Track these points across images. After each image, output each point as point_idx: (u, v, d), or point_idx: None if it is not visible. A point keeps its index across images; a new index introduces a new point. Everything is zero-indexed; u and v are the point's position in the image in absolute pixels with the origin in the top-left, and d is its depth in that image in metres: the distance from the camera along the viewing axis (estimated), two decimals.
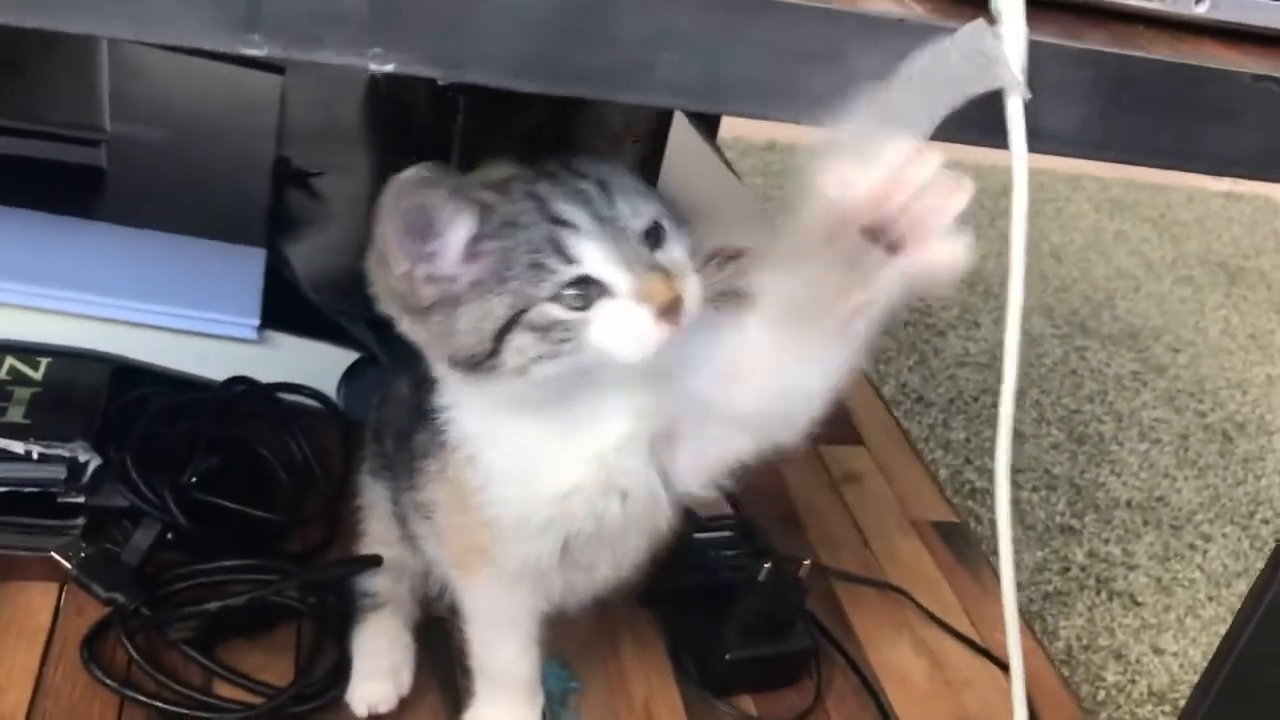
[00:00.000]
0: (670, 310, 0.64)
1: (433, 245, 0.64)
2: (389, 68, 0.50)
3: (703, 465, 0.76)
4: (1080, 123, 0.56)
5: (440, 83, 0.51)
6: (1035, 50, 0.54)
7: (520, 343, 0.65)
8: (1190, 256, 2.52)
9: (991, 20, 0.53)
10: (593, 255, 0.64)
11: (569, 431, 0.72)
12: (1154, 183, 2.82)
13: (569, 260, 0.64)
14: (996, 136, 0.55)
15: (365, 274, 0.67)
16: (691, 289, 0.66)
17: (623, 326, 0.65)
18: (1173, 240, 2.58)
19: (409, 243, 0.64)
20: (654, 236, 0.67)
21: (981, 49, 0.53)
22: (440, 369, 0.72)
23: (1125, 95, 0.56)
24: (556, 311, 0.64)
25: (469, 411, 0.74)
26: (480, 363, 0.66)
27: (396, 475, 0.88)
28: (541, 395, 0.69)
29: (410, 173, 0.62)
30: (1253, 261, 2.56)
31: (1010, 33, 0.53)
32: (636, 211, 0.67)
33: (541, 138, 0.73)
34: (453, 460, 0.75)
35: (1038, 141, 0.55)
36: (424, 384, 0.76)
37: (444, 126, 1.30)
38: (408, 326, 0.69)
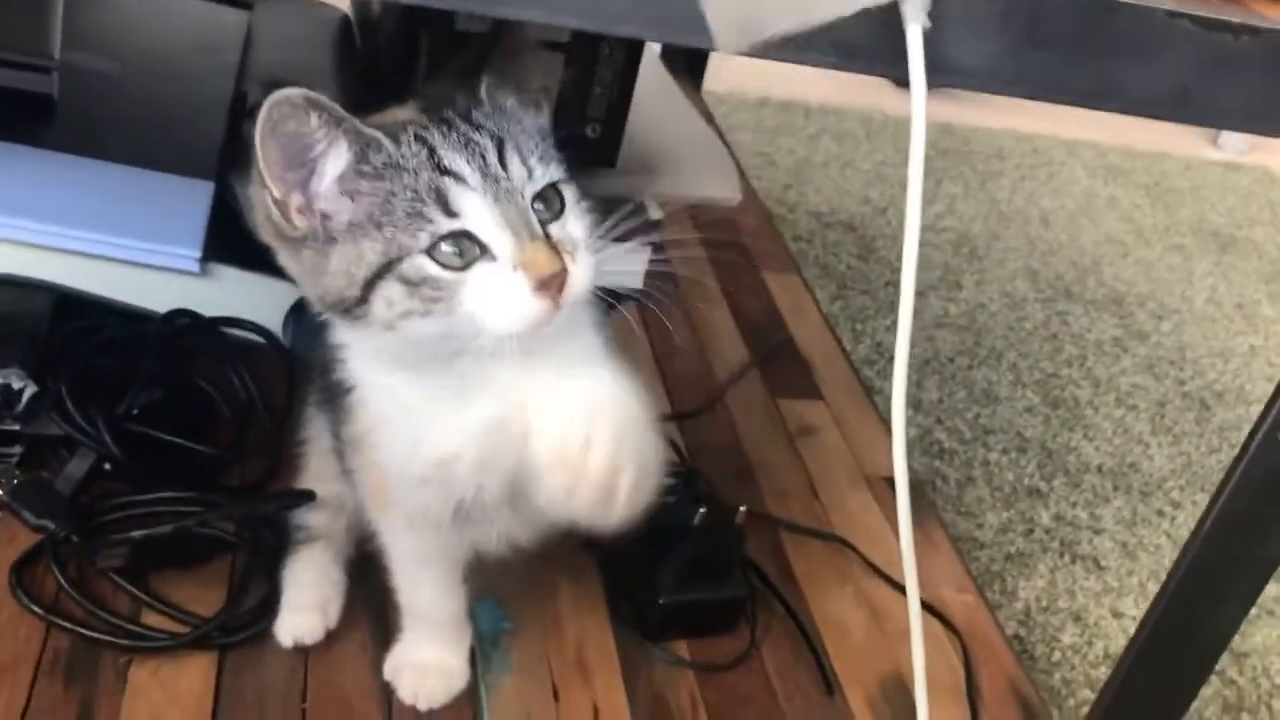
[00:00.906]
0: (550, 284, 0.63)
1: (308, 173, 0.62)
2: None
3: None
4: (989, 57, 0.55)
5: None
6: None
7: (390, 294, 0.63)
8: (1182, 224, 2.50)
9: None
10: (475, 211, 0.63)
11: (449, 399, 0.70)
12: (1151, 150, 2.80)
13: (450, 213, 0.62)
14: (898, 67, 0.53)
15: (246, 200, 0.66)
16: (580, 266, 0.65)
17: (498, 294, 0.63)
18: (1166, 207, 2.56)
19: (284, 168, 0.62)
20: (548, 204, 0.66)
21: None
22: (317, 307, 0.70)
23: (1037, 31, 0.55)
24: (430, 267, 0.62)
25: (357, 354, 0.72)
26: (349, 308, 0.64)
27: (334, 409, 0.87)
28: (417, 354, 0.67)
29: (288, 92, 0.59)
30: (1245, 231, 2.53)
31: None
32: (531, 175, 0.65)
33: (479, 70, 0.72)
34: (350, 402, 0.75)
35: (942, 75, 0.54)
36: None
37: (408, 66, 1.29)
38: (283, 258, 0.67)
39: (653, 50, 1.60)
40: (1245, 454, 0.72)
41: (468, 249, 0.63)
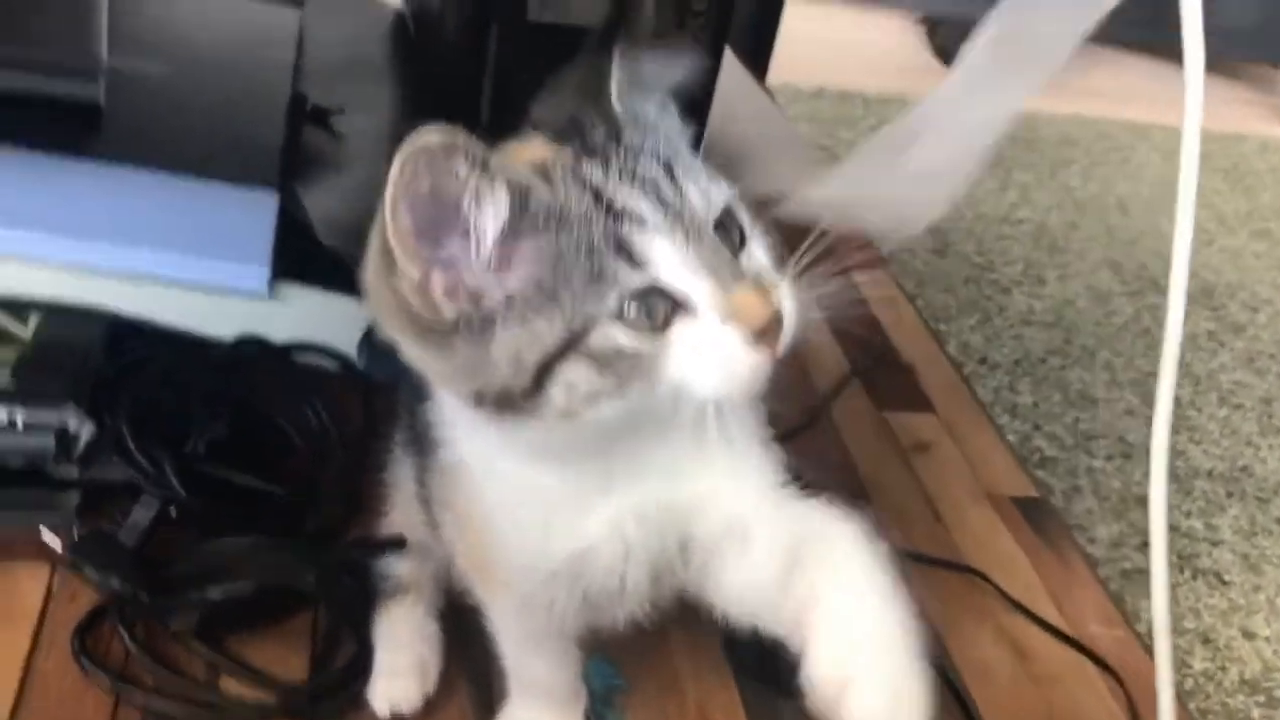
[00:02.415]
0: (769, 332, 0.51)
1: (454, 242, 0.50)
2: None
3: (730, 591, 0.64)
4: (1264, 19, 0.45)
5: None
6: None
7: (573, 376, 0.51)
8: (1266, 209, 2.38)
9: None
10: (666, 258, 0.51)
11: (586, 487, 0.59)
12: (1225, 132, 2.67)
13: (636, 264, 0.51)
14: (1162, 33, 0.43)
15: (361, 286, 0.53)
16: (790, 304, 0.53)
17: (710, 354, 0.51)
18: (1246, 192, 2.44)
19: (423, 240, 0.50)
20: (728, 232, 0.54)
21: None
22: (452, 400, 0.59)
23: None
24: (623, 336, 0.51)
25: (472, 435, 0.61)
26: (514, 401, 0.52)
27: (422, 454, 0.75)
28: (571, 445, 0.56)
29: (426, 139, 0.47)
30: None
31: None
32: (709, 199, 0.53)
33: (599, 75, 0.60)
34: (455, 482, 0.64)
35: (1215, 40, 0.44)
36: None
37: (475, 61, 1.20)
38: (416, 355, 0.54)
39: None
40: None
41: (656, 307, 0.51)
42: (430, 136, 0.48)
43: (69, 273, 0.89)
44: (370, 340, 0.96)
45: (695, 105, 1.31)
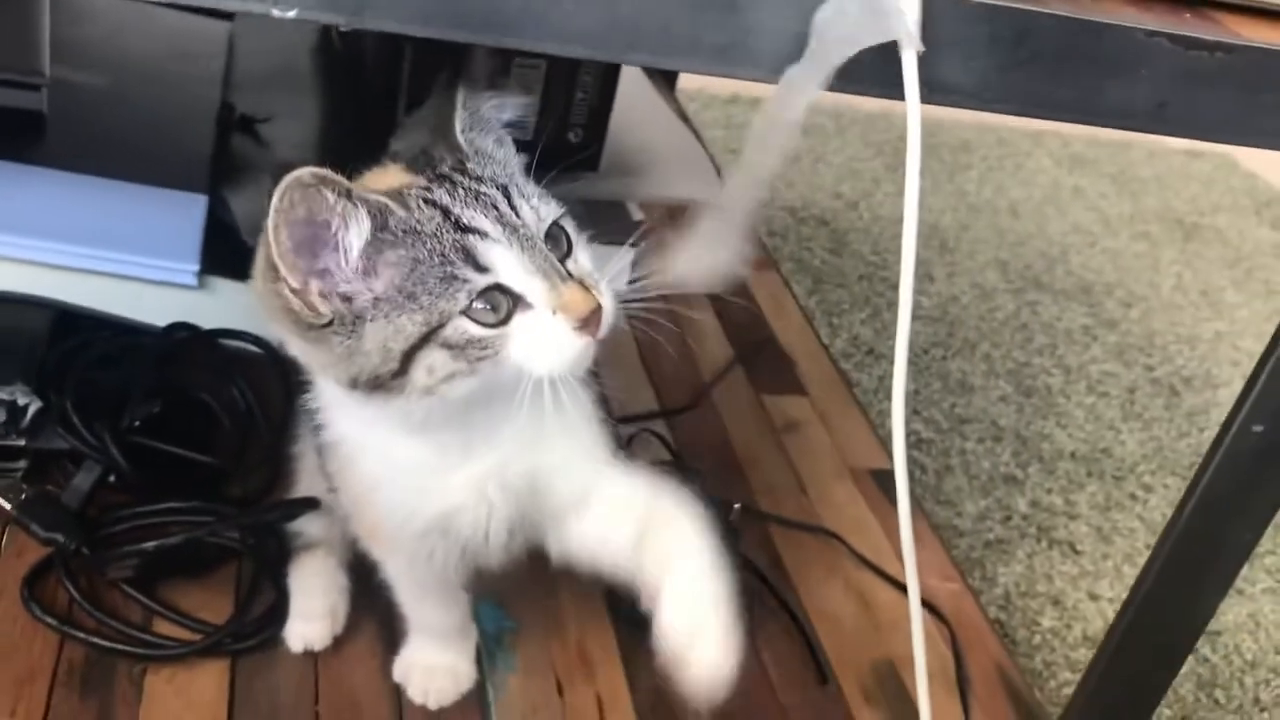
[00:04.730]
0: (590, 321, 0.64)
1: (326, 256, 0.62)
2: (291, 14, 0.51)
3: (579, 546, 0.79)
4: (978, 76, 0.58)
5: (342, 29, 0.51)
6: (932, 4, 0.55)
7: (432, 361, 0.63)
8: (1148, 212, 2.55)
9: None
10: (506, 263, 0.63)
11: (447, 456, 0.72)
12: (1116, 139, 2.84)
13: (480, 269, 0.63)
14: (894, 89, 0.56)
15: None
16: (608, 298, 0.66)
17: (544, 340, 0.64)
18: (1131, 196, 2.61)
19: (300, 255, 0.61)
20: (556, 241, 0.67)
21: (878, 2, 0.54)
22: (328, 385, 0.70)
23: (1022, 49, 0.57)
24: (473, 328, 0.63)
25: (345, 416, 0.73)
26: (384, 383, 0.64)
27: (318, 433, 0.85)
28: (431, 417, 0.67)
29: (298, 175, 0.59)
30: (1209, 219, 2.58)
31: None
32: (539, 215, 0.66)
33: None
34: (335, 456, 0.76)
35: (935, 94, 0.57)
36: None
37: (392, 74, 1.31)
38: (300, 348, 0.66)
39: None
40: (1221, 444, 0.75)
41: (499, 302, 0.63)
42: (304, 172, 0.59)
43: (16, 267, 0.99)
44: None
45: (592, 117, 1.43)
